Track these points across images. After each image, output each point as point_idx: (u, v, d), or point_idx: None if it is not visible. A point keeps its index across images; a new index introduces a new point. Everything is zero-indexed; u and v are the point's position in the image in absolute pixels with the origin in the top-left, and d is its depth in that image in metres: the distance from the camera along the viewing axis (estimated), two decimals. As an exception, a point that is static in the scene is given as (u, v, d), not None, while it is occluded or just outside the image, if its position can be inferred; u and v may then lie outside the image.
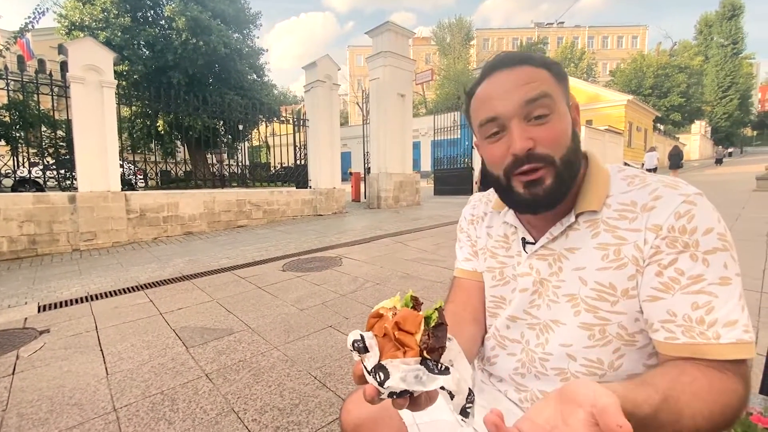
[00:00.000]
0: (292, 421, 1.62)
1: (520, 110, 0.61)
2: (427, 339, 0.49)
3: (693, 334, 0.54)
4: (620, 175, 0.67)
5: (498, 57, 0.66)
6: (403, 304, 0.55)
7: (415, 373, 0.48)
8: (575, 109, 0.67)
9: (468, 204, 0.93)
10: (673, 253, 0.56)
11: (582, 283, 0.64)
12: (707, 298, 0.54)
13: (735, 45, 38.96)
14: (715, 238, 0.55)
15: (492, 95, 0.64)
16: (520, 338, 0.74)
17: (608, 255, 0.62)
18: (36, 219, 5.40)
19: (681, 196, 0.58)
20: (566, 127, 0.63)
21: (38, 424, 1.66)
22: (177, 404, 1.77)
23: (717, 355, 0.53)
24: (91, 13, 12.03)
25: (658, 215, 0.58)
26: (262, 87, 15.55)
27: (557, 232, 0.68)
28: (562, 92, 0.64)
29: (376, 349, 0.50)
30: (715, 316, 0.53)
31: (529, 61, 0.63)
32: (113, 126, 6.01)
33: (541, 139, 0.60)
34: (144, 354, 2.30)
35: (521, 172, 0.62)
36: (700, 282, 0.54)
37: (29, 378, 2.07)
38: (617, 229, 0.62)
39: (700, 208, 0.57)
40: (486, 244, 0.83)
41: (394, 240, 5.57)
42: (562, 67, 0.66)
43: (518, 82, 0.62)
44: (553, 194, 0.63)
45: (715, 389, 0.51)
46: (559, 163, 0.61)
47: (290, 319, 2.77)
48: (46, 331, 2.71)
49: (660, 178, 0.63)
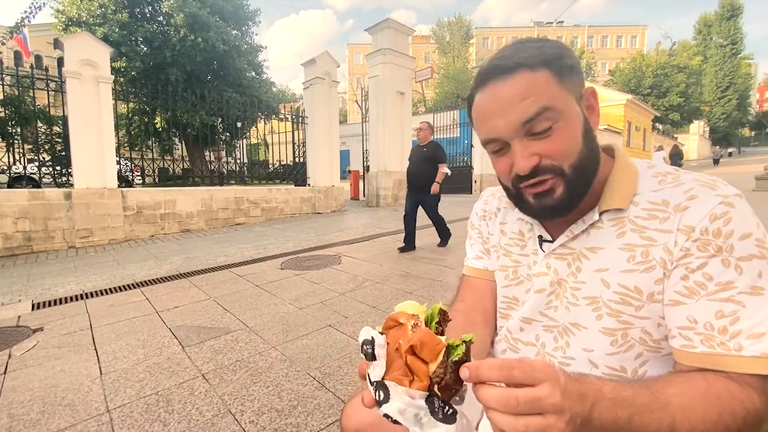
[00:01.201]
0: (290, 423, 1.57)
1: (519, 131, 0.57)
2: (442, 373, 0.42)
3: (713, 343, 0.50)
4: (650, 172, 0.62)
5: (491, 63, 0.60)
6: (428, 316, 0.48)
7: (416, 411, 0.43)
8: (591, 95, 0.62)
9: (480, 199, 0.88)
10: (704, 257, 0.52)
11: (605, 285, 0.60)
12: (734, 307, 0.49)
13: (734, 45, 39.00)
14: (753, 245, 0.50)
15: (489, 113, 0.59)
16: (535, 341, 0.70)
17: (635, 256, 0.57)
18: (31, 216, 5.33)
19: (719, 196, 0.53)
20: (575, 133, 0.58)
21: (29, 426, 1.62)
22: (172, 405, 1.72)
23: (736, 367, 0.48)
24: (88, 8, 11.92)
25: (692, 216, 0.53)
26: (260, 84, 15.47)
27: (578, 231, 0.63)
28: (568, 90, 0.57)
29: (383, 362, 0.45)
30: (740, 326, 0.49)
31: (524, 65, 0.56)
32: (110, 122, 5.94)
33: (546, 153, 0.57)
34: (139, 353, 2.25)
35: (529, 184, 0.59)
36: (729, 290, 0.50)
37: (21, 378, 2.02)
38: (646, 229, 0.57)
39: (739, 211, 0.52)
40: (499, 242, 0.79)
41: (394, 238, 5.53)
42: (567, 54, 0.59)
43: (514, 98, 0.56)
44: (564, 203, 0.59)
45: (733, 398, 0.47)
46: (570, 172, 0.58)
47: (289, 318, 2.73)
48: (39, 329, 2.66)
49: (696, 177, 0.58)
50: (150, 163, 7.15)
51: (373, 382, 0.45)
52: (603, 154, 0.66)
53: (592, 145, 0.60)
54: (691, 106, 32.81)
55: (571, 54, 0.60)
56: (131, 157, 8.13)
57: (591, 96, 0.62)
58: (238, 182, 8.50)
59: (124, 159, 8.10)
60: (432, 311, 0.49)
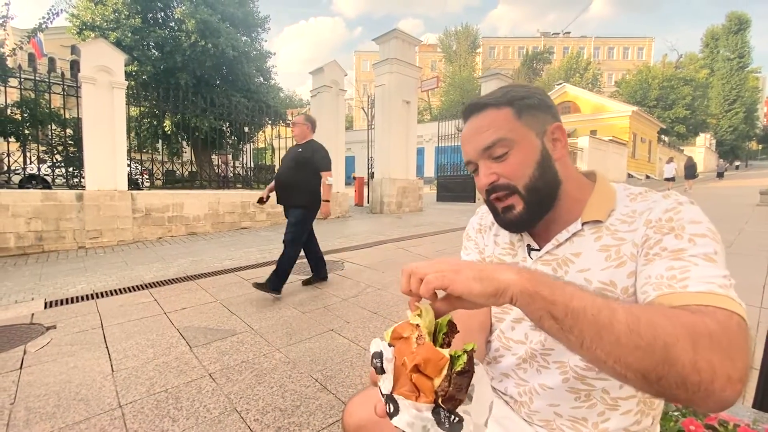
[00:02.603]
0: (293, 422, 1.65)
1: (481, 154, 0.73)
2: (446, 386, 0.45)
3: (662, 287, 0.54)
4: (626, 192, 0.73)
5: (469, 103, 0.76)
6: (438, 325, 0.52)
7: (423, 423, 0.45)
8: (557, 130, 0.73)
9: (476, 214, 0.97)
10: (659, 236, 0.61)
11: (587, 283, 0.69)
12: (683, 264, 0.55)
13: (741, 59, 38.95)
14: (704, 228, 0.59)
15: (464, 141, 0.76)
16: (525, 339, 0.78)
17: (610, 255, 0.67)
18: (43, 216, 5.47)
19: (672, 200, 0.65)
20: (527, 159, 0.70)
21: (45, 418, 1.71)
22: (181, 402, 1.81)
23: (682, 300, 0.50)
24: (102, 13, 12.18)
25: (652, 213, 0.64)
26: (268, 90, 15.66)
27: (563, 239, 0.73)
28: (527, 125, 0.71)
29: (391, 377, 0.48)
30: (687, 275, 0.53)
31: (491, 104, 0.72)
32: (122, 126, 6.10)
33: (501, 173, 0.71)
34: (149, 352, 2.34)
35: (494, 198, 0.74)
36: (681, 253, 0.56)
37: (36, 373, 2.11)
38: (618, 232, 0.68)
39: (688, 208, 0.62)
40: (493, 252, 0.88)
41: (396, 245, 5.61)
42: (534, 96, 0.72)
43: (479, 130, 0.73)
44: (522, 219, 0.73)
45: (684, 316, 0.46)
46: (523, 191, 0.71)
47: (292, 321, 2.81)
48: (52, 327, 2.76)
49: (660, 194, 0.68)
50: (158, 166, 7.30)
51: (384, 395, 0.49)
52: (584, 178, 0.77)
53: (547, 170, 0.72)
54: (697, 119, 32.78)
55: (537, 96, 0.73)
56: (141, 160, 8.30)
57: (557, 130, 0.74)
58: (245, 186, 8.63)
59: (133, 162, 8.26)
60: (441, 322, 0.52)
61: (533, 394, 0.76)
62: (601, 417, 0.70)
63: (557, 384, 0.72)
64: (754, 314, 2.73)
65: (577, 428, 0.71)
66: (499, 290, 0.49)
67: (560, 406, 0.72)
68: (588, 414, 0.70)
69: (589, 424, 0.70)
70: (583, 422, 0.71)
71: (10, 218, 5.24)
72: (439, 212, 10.38)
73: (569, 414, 0.72)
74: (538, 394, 0.75)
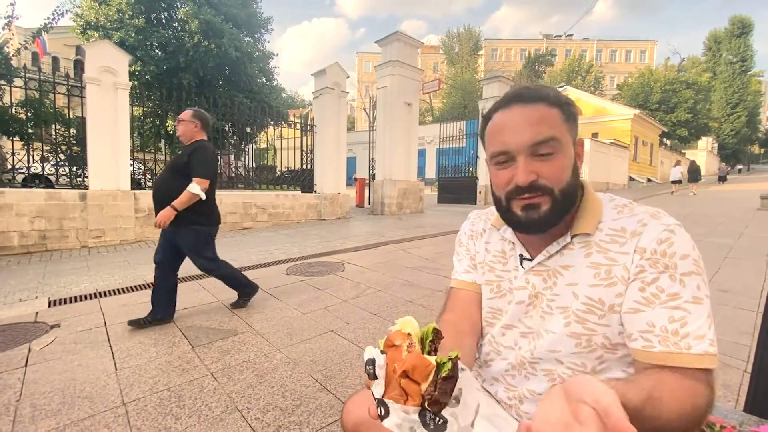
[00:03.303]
0: (293, 421, 1.68)
1: (528, 148, 0.69)
2: (432, 390, 0.49)
3: (668, 343, 0.61)
4: (611, 204, 0.75)
5: (517, 90, 0.73)
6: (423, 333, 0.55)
7: (410, 425, 0.49)
8: (580, 145, 0.76)
9: (467, 220, 1.00)
10: (655, 273, 0.64)
11: (575, 297, 0.72)
12: (682, 314, 0.62)
13: (744, 62, 38.93)
14: (691, 263, 0.64)
15: (505, 128, 0.71)
16: (514, 345, 0.81)
17: (600, 273, 0.70)
18: (47, 215, 5.52)
19: (662, 225, 0.67)
20: (569, 164, 0.71)
21: (50, 415, 1.74)
22: (183, 401, 1.84)
23: (687, 363, 0.60)
24: (106, 13, 12.27)
25: (644, 240, 0.67)
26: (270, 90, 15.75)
27: (554, 251, 0.75)
28: (570, 131, 0.72)
29: (382, 382, 0.52)
30: (687, 329, 0.61)
31: (545, 99, 0.71)
32: (126, 127, 6.15)
33: (544, 173, 0.69)
34: (151, 351, 2.38)
35: (522, 197, 0.70)
36: (677, 299, 0.62)
37: (41, 371, 2.15)
38: (609, 251, 0.70)
39: (678, 237, 0.65)
40: (484, 258, 0.90)
41: (397, 247, 5.64)
42: (575, 106, 0.74)
43: (531, 121, 0.69)
44: (547, 219, 0.71)
45: (688, 392, 0.58)
46: (558, 194, 0.70)
47: (293, 322, 2.85)
48: (56, 325, 2.80)
49: (645, 209, 0.71)
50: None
51: (376, 399, 0.52)
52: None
53: (577, 180, 0.74)
54: (699, 123, 32.72)
55: (575, 106, 0.75)
56: (144, 159, 8.34)
57: (579, 145, 0.76)
58: (246, 187, 8.67)
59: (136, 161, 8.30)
60: (426, 330, 0.55)
61: (522, 399, 0.79)
62: None
63: (544, 390, 0.75)
64: (750, 318, 2.76)
65: None
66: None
67: None
68: None
69: None
70: None
71: (14, 217, 5.29)
72: (440, 214, 10.41)
73: None
74: (527, 398, 0.78)
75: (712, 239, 5.86)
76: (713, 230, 6.69)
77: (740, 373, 2.04)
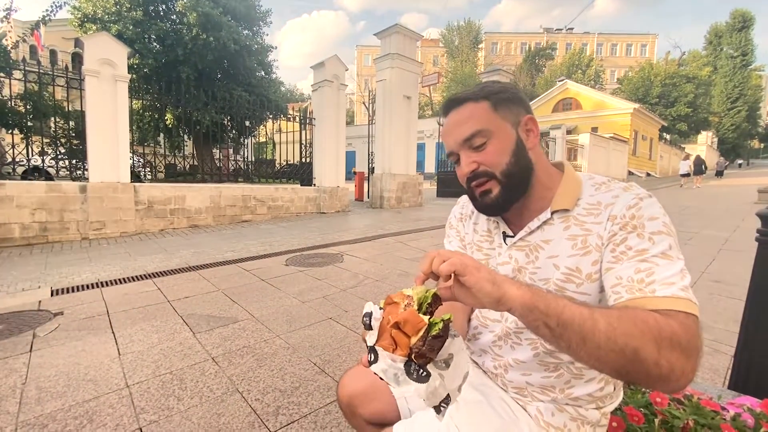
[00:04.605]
0: (292, 402, 1.74)
1: (462, 145, 0.79)
2: (421, 345, 0.53)
3: (633, 290, 0.62)
4: (590, 182, 0.79)
5: (447, 99, 0.83)
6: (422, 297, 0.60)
7: (395, 371, 0.54)
8: (530, 122, 0.80)
9: (458, 204, 1.04)
10: (624, 233, 0.68)
11: (555, 268, 0.76)
12: (648, 265, 0.63)
13: (744, 56, 38.74)
14: (660, 224, 0.66)
15: (445, 134, 0.83)
16: (500, 318, 0.86)
17: (577, 244, 0.74)
18: (48, 207, 5.55)
19: (632, 194, 0.71)
20: (504, 147, 0.77)
21: (56, 397, 1.79)
22: (185, 383, 1.89)
23: (652, 305, 0.58)
24: (104, 5, 12.17)
25: (616, 208, 0.71)
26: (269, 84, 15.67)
27: (534, 227, 0.80)
28: (502, 116, 0.77)
29: (376, 333, 0.57)
30: (653, 278, 0.62)
31: (470, 98, 0.79)
32: (125, 119, 6.16)
33: (481, 161, 0.78)
34: (153, 337, 2.43)
35: (475, 184, 0.80)
36: (644, 254, 0.64)
37: (46, 355, 2.20)
38: (585, 223, 0.74)
39: (646, 203, 0.69)
40: (473, 239, 0.95)
41: (395, 239, 5.69)
42: (507, 91, 0.80)
43: (458, 122, 0.79)
44: (500, 200, 0.78)
45: (640, 316, 0.56)
46: (500, 176, 0.77)
47: (292, 310, 2.90)
48: (60, 313, 2.84)
49: (622, 185, 0.75)
50: (160, 159, 7.37)
51: (368, 347, 0.57)
52: (553, 168, 0.84)
53: (522, 158, 0.78)
54: (699, 117, 32.67)
55: (511, 90, 0.81)
56: (143, 153, 8.37)
57: (530, 122, 0.81)
58: (246, 180, 8.70)
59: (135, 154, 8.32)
60: (427, 294, 0.61)
61: (508, 367, 0.84)
62: (567, 384, 0.78)
63: (529, 358, 0.80)
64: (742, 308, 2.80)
65: (546, 393, 0.79)
66: (503, 298, 0.59)
67: (531, 376, 0.81)
68: (556, 382, 0.78)
69: (556, 390, 0.79)
70: (551, 389, 0.79)
71: (15, 209, 5.32)
72: (439, 207, 10.45)
73: (539, 383, 0.80)
74: (512, 366, 0.83)
75: (708, 232, 5.92)
76: (710, 223, 6.74)
77: (729, 358, 2.09)
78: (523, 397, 0.82)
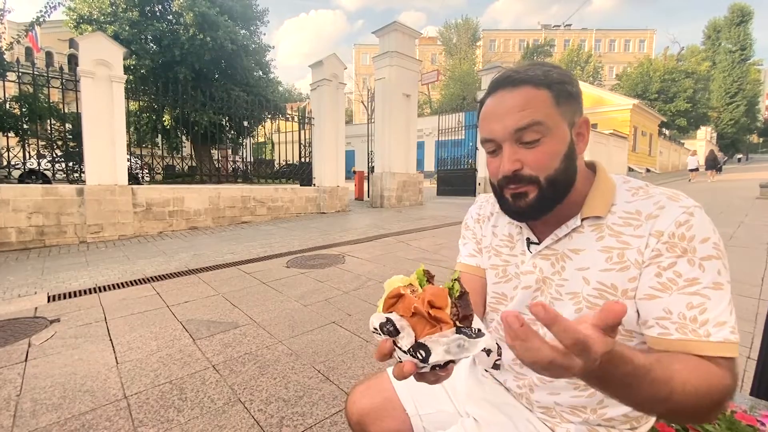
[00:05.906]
0: (296, 412, 1.67)
1: (511, 136, 0.66)
2: (456, 311, 0.52)
3: (686, 330, 0.58)
4: (625, 186, 0.71)
5: (504, 74, 0.69)
6: (417, 279, 0.57)
7: (458, 342, 0.50)
8: (584, 125, 0.71)
9: (475, 204, 0.97)
10: (673, 257, 0.61)
11: (585, 282, 0.69)
12: (701, 300, 0.58)
13: (743, 51, 38.68)
14: (711, 247, 0.60)
15: (490, 117, 0.69)
16: None
17: (612, 257, 0.66)
18: (44, 211, 5.48)
19: (681, 207, 0.63)
20: (557, 149, 0.66)
21: (52, 409, 1.73)
22: (185, 393, 1.83)
23: (706, 351, 0.57)
24: (99, 6, 12.08)
25: (661, 223, 0.63)
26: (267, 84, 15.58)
27: (562, 234, 0.72)
28: (562, 113, 0.66)
29: (409, 330, 0.52)
30: (707, 316, 0.57)
31: (530, 81, 0.66)
32: (122, 120, 6.09)
33: (528, 162, 0.66)
34: (152, 345, 2.36)
35: (509, 187, 0.69)
36: (696, 285, 0.59)
37: (41, 365, 2.13)
38: (622, 234, 0.66)
39: (698, 219, 0.62)
40: (491, 243, 0.87)
41: (397, 239, 5.62)
42: (570, 82, 0.68)
43: (514, 107, 0.66)
44: (534, 208, 0.69)
45: (703, 369, 0.55)
46: (544, 183, 0.67)
47: (294, 314, 2.83)
48: (56, 320, 2.78)
49: (663, 191, 0.68)
50: (158, 161, 7.30)
51: (408, 350, 0.51)
52: (586, 170, 0.74)
53: (571, 165, 0.69)
54: (698, 112, 32.61)
55: (573, 83, 0.69)
56: (141, 155, 8.29)
57: (583, 125, 0.71)
58: (245, 181, 8.63)
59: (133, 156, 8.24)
60: (418, 275, 0.57)
61: (533, 387, 0.76)
62: (600, 404, 0.71)
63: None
64: (752, 305, 2.75)
65: (576, 414, 0.73)
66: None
67: (560, 396, 0.73)
68: (588, 402, 0.71)
69: (588, 410, 0.72)
70: (582, 410, 0.72)
71: (11, 213, 5.25)
72: (440, 206, 10.39)
73: (569, 403, 0.73)
74: (538, 386, 0.76)
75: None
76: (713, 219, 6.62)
77: (743, 358, 2.03)
78: (552, 419, 0.75)
